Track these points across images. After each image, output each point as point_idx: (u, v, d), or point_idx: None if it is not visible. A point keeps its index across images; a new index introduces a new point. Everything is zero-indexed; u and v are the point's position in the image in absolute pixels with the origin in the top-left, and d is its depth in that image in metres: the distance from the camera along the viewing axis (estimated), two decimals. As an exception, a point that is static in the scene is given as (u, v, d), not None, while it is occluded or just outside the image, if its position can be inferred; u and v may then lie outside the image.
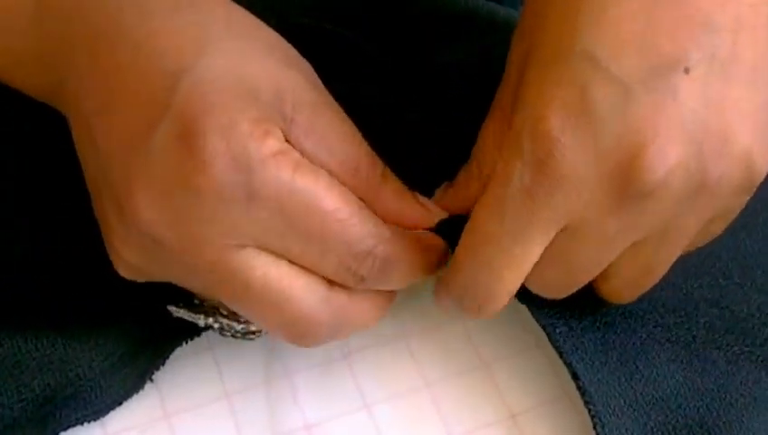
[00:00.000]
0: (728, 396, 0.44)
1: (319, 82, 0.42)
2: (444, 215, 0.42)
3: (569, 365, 0.44)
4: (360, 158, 0.40)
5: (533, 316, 0.45)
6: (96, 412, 0.44)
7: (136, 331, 0.46)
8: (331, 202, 0.39)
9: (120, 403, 0.45)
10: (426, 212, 0.42)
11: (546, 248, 0.40)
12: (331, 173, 0.39)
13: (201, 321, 0.44)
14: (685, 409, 0.43)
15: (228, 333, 0.44)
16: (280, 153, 0.38)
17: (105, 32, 0.41)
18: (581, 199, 0.38)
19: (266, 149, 0.38)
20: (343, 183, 0.40)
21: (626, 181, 0.37)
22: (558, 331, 0.44)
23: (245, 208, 0.38)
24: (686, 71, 0.37)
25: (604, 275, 0.42)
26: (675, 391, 0.44)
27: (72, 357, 0.45)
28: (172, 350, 0.46)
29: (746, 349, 0.45)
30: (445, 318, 0.47)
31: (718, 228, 0.42)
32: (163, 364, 0.45)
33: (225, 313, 0.43)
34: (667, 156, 0.37)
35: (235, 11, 0.42)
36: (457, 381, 0.46)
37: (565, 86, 0.38)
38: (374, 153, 0.41)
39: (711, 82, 0.38)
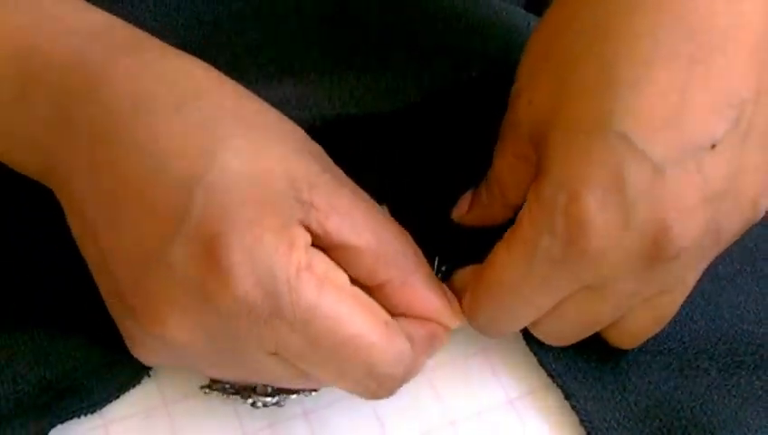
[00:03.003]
0: (720, 399, 0.44)
1: (331, 162, 0.42)
2: (463, 322, 0.43)
3: (562, 387, 0.45)
4: (389, 238, 0.40)
5: (525, 341, 0.46)
6: (93, 405, 0.44)
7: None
8: (353, 327, 0.39)
9: (118, 396, 0.45)
10: (450, 313, 0.42)
11: (562, 301, 0.41)
12: (359, 254, 0.39)
13: (239, 402, 0.44)
14: (678, 412, 0.44)
15: (261, 404, 0.44)
16: (306, 269, 0.38)
17: (101, 126, 0.40)
18: (607, 268, 0.39)
19: (292, 267, 0.38)
20: (373, 266, 0.40)
21: (652, 252, 0.39)
22: (549, 353, 0.45)
23: (269, 324, 0.38)
24: (713, 147, 0.38)
25: (614, 324, 0.43)
26: (668, 397, 0.45)
27: (68, 350, 0.45)
28: None
29: (738, 358, 0.46)
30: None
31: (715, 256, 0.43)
32: None
33: (258, 390, 0.44)
34: (691, 227, 0.39)
35: (245, 101, 0.41)
36: (455, 369, 0.46)
37: (600, 166, 0.38)
38: (406, 233, 0.41)
39: (733, 154, 0.39)
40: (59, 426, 0.44)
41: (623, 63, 0.38)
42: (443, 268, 0.46)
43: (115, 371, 0.45)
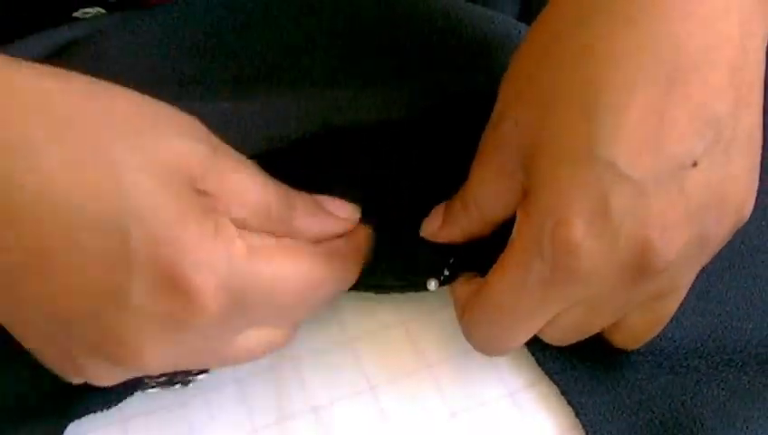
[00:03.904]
0: (709, 392, 0.46)
1: (218, 143, 0.41)
2: (357, 214, 0.46)
3: (558, 383, 0.46)
4: (269, 201, 0.42)
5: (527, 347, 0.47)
6: (109, 401, 0.46)
7: None
8: (315, 273, 0.42)
9: (132, 393, 0.46)
10: (340, 222, 0.45)
11: (558, 314, 0.42)
12: (247, 223, 0.41)
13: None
14: (669, 404, 0.45)
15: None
16: (249, 251, 0.39)
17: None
18: (596, 285, 0.41)
19: (241, 257, 0.39)
20: (261, 229, 0.41)
21: (640, 268, 0.40)
22: (547, 353, 0.47)
23: (242, 317, 0.40)
24: (694, 165, 0.39)
25: (614, 328, 0.45)
26: (659, 392, 0.46)
27: None
28: None
29: (726, 356, 0.47)
30: (441, 304, 0.49)
31: (711, 257, 0.44)
32: None
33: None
34: (675, 242, 0.40)
35: (131, 103, 0.40)
36: (456, 363, 0.48)
37: (586, 192, 0.39)
38: (283, 189, 0.43)
39: (714, 168, 0.40)
40: (79, 424, 0.45)
41: (605, 89, 0.39)
42: (445, 273, 0.47)
43: None
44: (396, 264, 0.48)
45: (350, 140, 0.50)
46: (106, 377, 0.41)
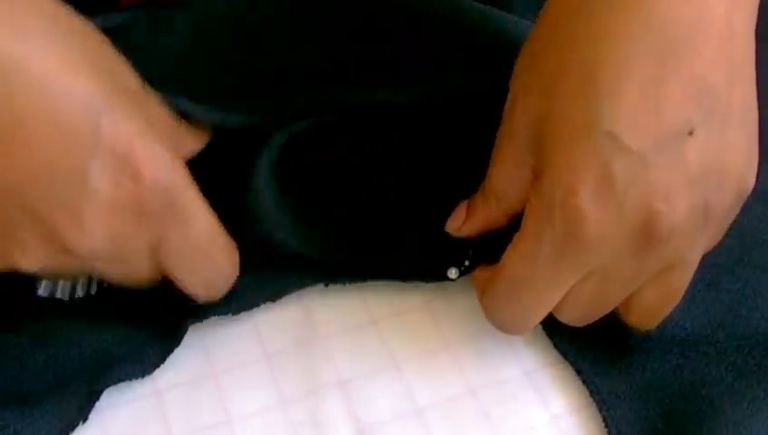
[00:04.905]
0: (718, 373, 0.48)
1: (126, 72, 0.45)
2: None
3: (573, 364, 0.48)
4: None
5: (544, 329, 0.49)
6: (144, 369, 0.48)
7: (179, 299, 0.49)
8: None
9: (164, 360, 0.48)
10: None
11: (573, 287, 0.44)
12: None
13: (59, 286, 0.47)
14: (679, 384, 0.47)
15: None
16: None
17: None
18: (606, 253, 0.43)
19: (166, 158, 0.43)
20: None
21: (645, 235, 0.42)
22: (563, 337, 0.49)
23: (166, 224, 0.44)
24: (691, 133, 0.42)
25: (629, 307, 0.46)
26: (669, 374, 0.48)
27: (120, 320, 0.48)
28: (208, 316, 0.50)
29: (735, 342, 0.49)
30: (462, 289, 0.51)
31: (720, 235, 0.46)
32: (201, 320, 0.49)
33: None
34: (678, 208, 0.42)
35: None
36: (477, 344, 0.50)
37: (590, 163, 0.42)
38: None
39: (711, 136, 0.42)
40: (115, 396, 0.47)
41: (603, 65, 0.42)
42: (465, 263, 0.50)
43: (161, 338, 0.49)
44: (419, 255, 0.51)
45: (371, 136, 0.53)
46: (36, 256, 0.42)
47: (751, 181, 0.44)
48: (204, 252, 0.46)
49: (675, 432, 0.46)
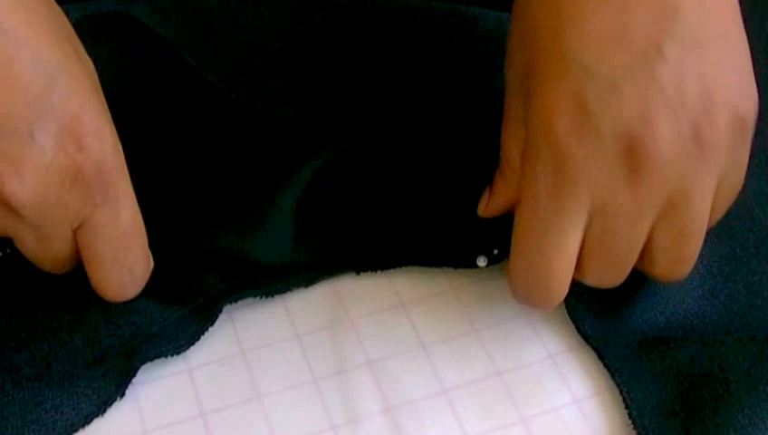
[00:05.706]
0: (735, 360, 0.49)
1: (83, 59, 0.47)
2: None
3: (595, 349, 0.50)
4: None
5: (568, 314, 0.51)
6: (178, 347, 0.49)
7: (213, 281, 0.51)
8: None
9: (198, 338, 0.49)
10: None
11: (584, 239, 0.45)
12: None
13: None
14: (697, 368, 0.49)
15: None
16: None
17: None
18: (599, 184, 0.43)
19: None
20: None
21: (632, 161, 0.43)
22: (586, 322, 0.50)
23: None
24: (662, 56, 0.42)
25: (649, 258, 0.46)
26: (687, 359, 0.49)
27: (154, 301, 0.50)
28: (243, 297, 0.51)
29: (751, 332, 0.50)
30: (489, 274, 0.52)
31: (736, 183, 0.46)
32: (235, 301, 0.51)
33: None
34: (660, 131, 0.42)
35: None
36: (503, 328, 0.51)
37: (564, 94, 0.43)
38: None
39: (686, 59, 0.42)
40: (150, 374, 0.48)
41: (568, 4, 0.43)
42: (494, 252, 0.51)
43: (195, 318, 0.50)
44: (450, 244, 0.52)
45: (400, 129, 0.55)
46: None
47: (746, 111, 0.44)
48: (126, 240, 0.47)
49: (692, 415, 0.47)
